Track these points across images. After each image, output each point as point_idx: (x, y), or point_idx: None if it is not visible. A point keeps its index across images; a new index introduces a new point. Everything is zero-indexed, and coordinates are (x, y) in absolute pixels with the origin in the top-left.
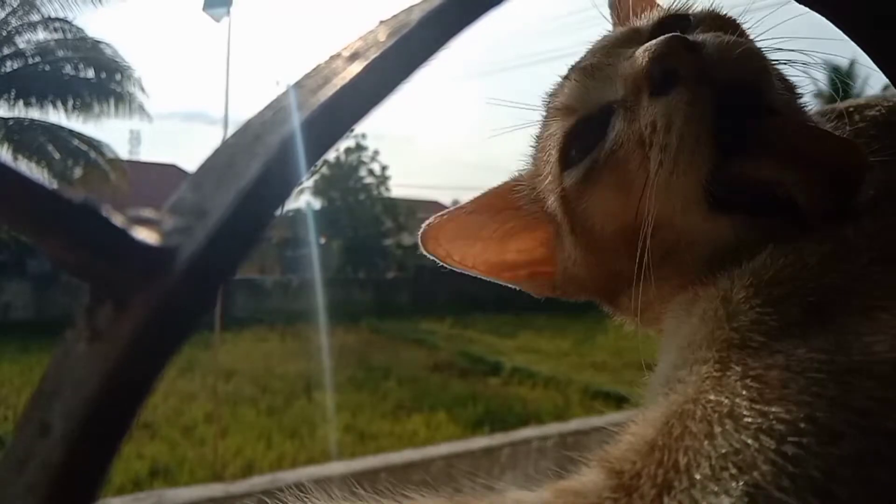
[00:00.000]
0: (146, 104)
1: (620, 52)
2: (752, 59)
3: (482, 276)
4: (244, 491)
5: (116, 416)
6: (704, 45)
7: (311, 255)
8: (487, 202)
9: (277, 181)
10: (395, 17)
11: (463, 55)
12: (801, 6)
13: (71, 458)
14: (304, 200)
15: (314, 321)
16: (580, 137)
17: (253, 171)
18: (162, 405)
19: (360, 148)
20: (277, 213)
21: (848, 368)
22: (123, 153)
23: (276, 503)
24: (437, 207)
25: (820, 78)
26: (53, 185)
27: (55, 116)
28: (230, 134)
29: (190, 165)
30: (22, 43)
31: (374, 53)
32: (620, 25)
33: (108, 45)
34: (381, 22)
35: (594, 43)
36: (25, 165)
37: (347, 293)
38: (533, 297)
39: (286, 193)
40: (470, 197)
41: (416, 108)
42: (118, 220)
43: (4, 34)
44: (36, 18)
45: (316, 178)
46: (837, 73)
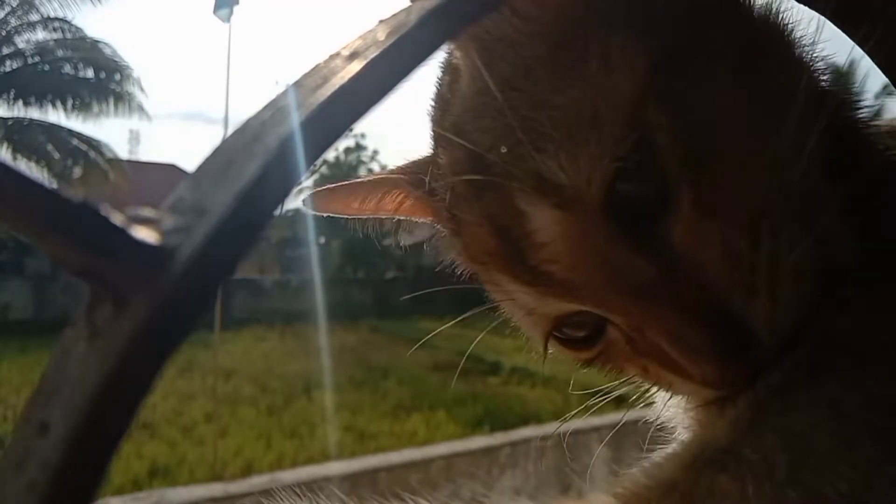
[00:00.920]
0: (145, 104)
1: None
2: None
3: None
4: (244, 490)
5: (116, 415)
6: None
7: (310, 254)
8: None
9: (276, 181)
10: (394, 16)
11: None
12: (800, 5)
13: (70, 457)
14: (303, 200)
15: (314, 321)
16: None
17: (252, 170)
18: (161, 405)
19: (359, 148)
20: (277, 212)
21: None
22: (123, 153)
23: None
24: None
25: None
26: (53, 184)
27: (54, 116)
28: (229, 134)
29: (189, 165)
30: (21, 42)
31: (373, 52)
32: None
33: (107, 44)
34: (380, 21)
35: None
36: (25, 165)
37: (347, 293)
38: None
39: (285, 193)
40: None
41: (415, 107)
42: (117, 219)
43: (4, 34)
44: (35, 18)
45: (315, 177)
46: (837, 72)
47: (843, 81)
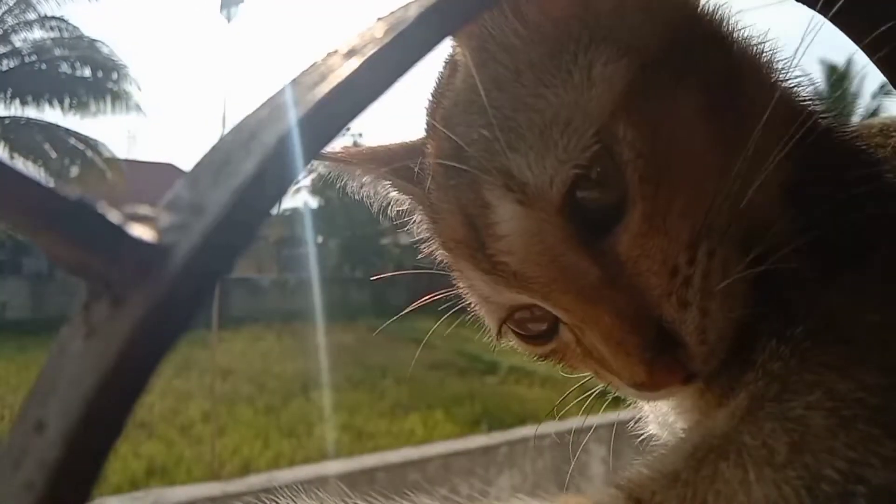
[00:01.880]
0: (143, 103)
1: None
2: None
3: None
4: (241, 490)
5: (112, 413)
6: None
7: (308, 254)
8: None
9: (273, 178)
10: (392, 13)
11: None
12: (799, 4)
13: (66, 455)
14: (301, 199)
15: (311, 320)
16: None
17: (249, 168)
18: (159, 404)
19: (357, 146)
20: (274, 210)
21: None
22: (120, 152)
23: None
24: None
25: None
26: (50, 183)
27: (52, 115)
28: (227, 131)
29: (186, 164)
30: (18, 41)
31: (371, 50)
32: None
33: (104, 43)
34: (378, 19)
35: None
36: (22, 164)
37: (345, 292)
38: None
39: (282, 191)
40: None
41: (414, 106)
42: (114, 216)
43: (1, 32)
44: (32, 17)
45: (313, 176)
46: (834, 71)
47: (819, 96)
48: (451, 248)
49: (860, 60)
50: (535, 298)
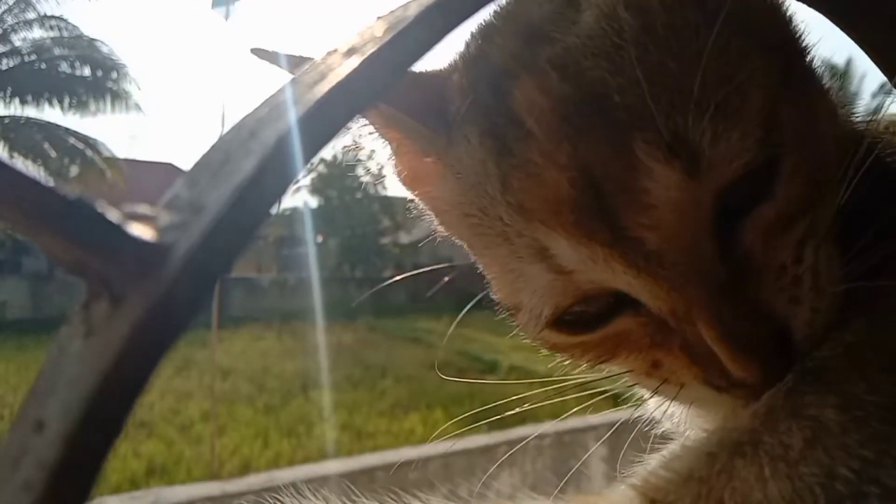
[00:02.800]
0: (142, 102)
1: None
2: None
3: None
4: (241, 489)
5: (112, 412)
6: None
7: (307, 253)
8: None
9: (273, 178)
10: (392, 12)
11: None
12: (799, 3)
13: (66, 455)
14: (301, 198)
15: (311, 319)
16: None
17: (248, 167)
18: (159, 403)
19: (357, 146)
20: (273, 209)
21: None
22: (120, 151)
23: (272, 502)
24: None
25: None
26: (49, 182)
27: (51, 114)
28: (226, 130)
29: (186, 164)
30: (18, 41)
31: (370, 49)
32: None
33: (103, 42)
34: (378, 17)
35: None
36: (22, 164)
37: (344, 291)
38: None
39: (282, 190)
40: None
41: None
42: (114, 216)
43: (0, 32)
44: (32, 16)
45: (313, 176)
46: (834, 71)
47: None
48: (534, 208)
49: (860, 61)
50: (652, 286)
